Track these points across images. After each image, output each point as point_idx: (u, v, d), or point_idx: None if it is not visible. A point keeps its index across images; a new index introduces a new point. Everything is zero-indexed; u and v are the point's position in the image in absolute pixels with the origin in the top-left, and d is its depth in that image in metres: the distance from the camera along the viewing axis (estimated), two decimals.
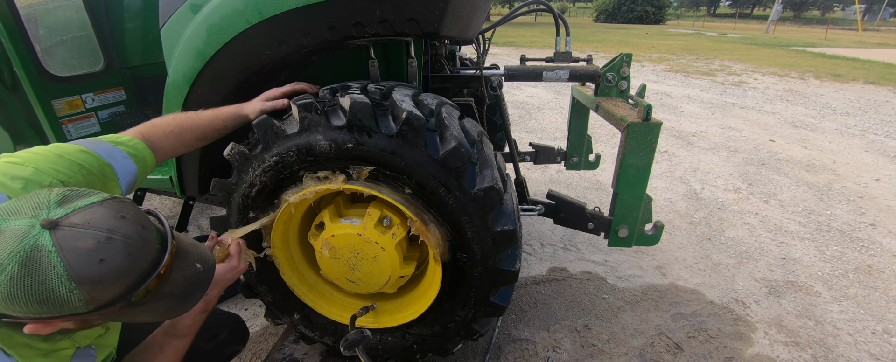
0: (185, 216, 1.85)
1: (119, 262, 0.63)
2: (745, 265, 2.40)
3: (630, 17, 31.16)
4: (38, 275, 0.58)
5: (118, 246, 0.63)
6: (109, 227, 0.64)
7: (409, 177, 1.09)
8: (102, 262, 0.61)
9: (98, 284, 0.61)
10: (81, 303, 0.61)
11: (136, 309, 0.68)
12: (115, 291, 0.63)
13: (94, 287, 0.61)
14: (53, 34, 1.66)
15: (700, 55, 11.46)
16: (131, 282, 0.65)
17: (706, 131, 4.88)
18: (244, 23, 1.10)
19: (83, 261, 0.60)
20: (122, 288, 0.64)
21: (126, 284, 0.64)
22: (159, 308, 0.72)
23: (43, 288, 0.59)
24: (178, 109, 1.34)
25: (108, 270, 0.62)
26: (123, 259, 0.63)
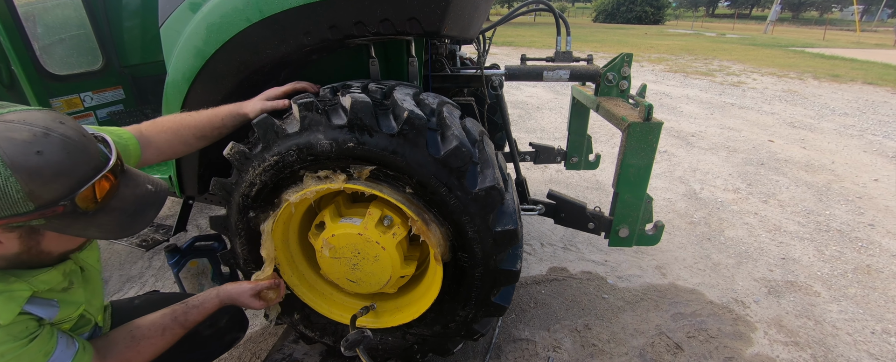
0: (184, 215, 1.85)
1: (57, 158, 0.62)
2: (744, 265, 2.41)
3: (629, 17, 31.22)
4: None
5: (56, 141, 0.63)
6: (47, 126, 0.64)
7: (411, 176, 1.09)
8: (39, 154, 0.61)
9: (36, 176, 0.61)
10: (21, 197, 0.60)
11: (84, 219, 0.68)
12: (56, 189, 0.63)
13: (32, 179, 0.60)
14: (52, 32, 1.65)
15: (699, 55, 11.48)
16: (73, 182, 0.64)
17: (705, 131, 4.88)
18: (244, 21, 1.09)
19: (18, 150, 0.60)
20: (63, 186, 0.63)
21: (67, 183, 0.63)
22: (109, 223, 0.72)
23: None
24: (177, 108, 1.33)
25: (45, 163, 0.61)
26: (62, 155, 0.63)
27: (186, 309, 1.06)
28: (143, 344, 0.96)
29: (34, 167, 0.61)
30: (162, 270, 2.35)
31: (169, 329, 1.01)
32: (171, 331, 1.01)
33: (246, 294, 1.17)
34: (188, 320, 1.05)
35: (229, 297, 1.14)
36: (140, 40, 1.84)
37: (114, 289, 2.23)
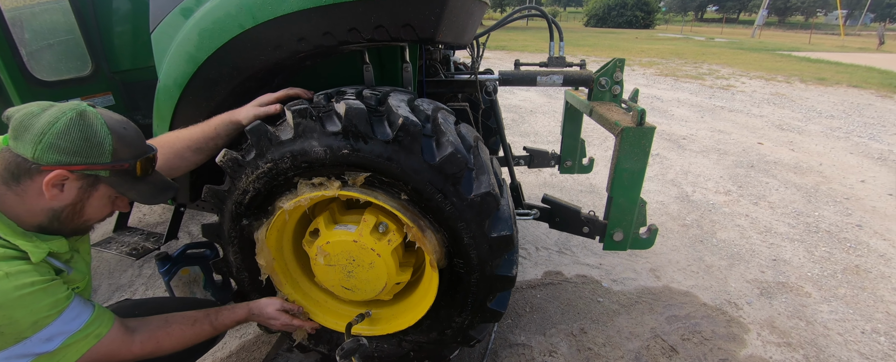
0: (175, 223, 1.82)
1: (133, 134, 0.94)
2: (736, 266, 2.43)
3: (620, 21, 31.63)
4: (89, 121, 0.86)
5: (133, 127, 0.96)
6: (128, 120, 0.97)
7: (406, 183, 1.09)
8: (125, 129, 0.93)
9: (122, 139, 0.90)
10: (109, 150, 0.88)
11: (131, 181, 0.94)
12: (128, 152, 0.92)
13: (119, 140, 0.90)
14: (40, 38, 1.63)
15: (688, 59, 11.65)
16: (137, 152, 0.93)
17: (696, 134, 4.95)
18: (238, 27, 1.08)
19: (115, 123, 0.91)
20: (132, 152, 0.92)
21: (134, 152, 0.93)
22: (145, 190, 0.97)
23: (90, 130, 0.86)
24: (168, 114, 1.32)
25: (127, 134, 0.92)
26: (135, 134, 0.95)
27: (219, 311, 1.19)
28: (174, 327, 1.08)
29: (122, 134, 0.91)
30: (152, 278, 2.31)
31: (199, 322, 1.13)
32: (201, 325, 1.13)
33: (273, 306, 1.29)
34: (218, 320, 1.17)
35: (259, 308, 1.27)
36: (130, 45, 1.82)
37: (103, 298, 2.18)
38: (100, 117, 0.89)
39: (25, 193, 0.87)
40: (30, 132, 0.83)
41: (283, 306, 1.31)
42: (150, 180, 0.99)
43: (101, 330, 0.95)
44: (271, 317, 1.28)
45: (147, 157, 0.95)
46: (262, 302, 1.29)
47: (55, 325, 0.87)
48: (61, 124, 0.84)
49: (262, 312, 1.27)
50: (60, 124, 0.84)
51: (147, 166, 0.96)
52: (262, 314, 1.27)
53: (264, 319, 1.28)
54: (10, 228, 0.87)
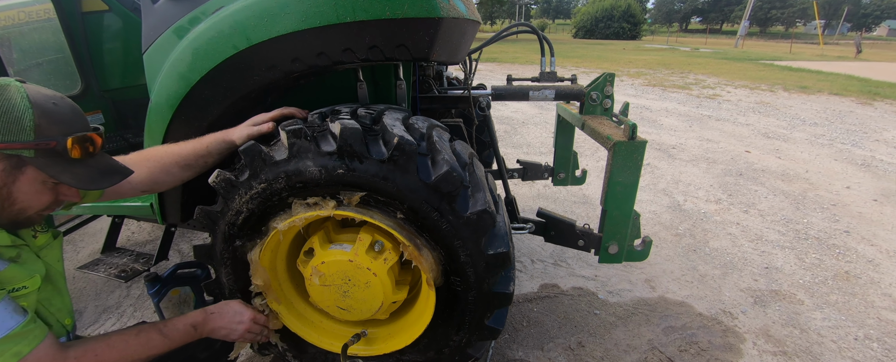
0: (166, 243, 1.78)
1: (67, 111, 0.86)
2: (730, 275, 2.45)
3: (607, 33, 32.34)
4: (7, 95, 0.79)
5: (67, 103, 0.88)
6: (64, 96, 0.90)
7: (401, 202, 1.08)
8: (55, 105, 0.84)
9: (46, 115, 0.82)
10: (29, 126, 0.79)
11: (65, 163, 0.84)
12: (56, 129, 0.82)
13: (43, 115, 0.81)
14: (28, 57, 1.61)
15: (675, 69, 11.91)
16: (67, 130, 0.84)
17: (685, 143, 5.03)
18: (231, 48, 1.08)
19: (41, 97, 0.83)
20: (61, 130, 0.83)
21: (64, 129, 0.83)
22: (83, 173, 0.87)
23: (7, 104, 0.78)
24: (160, 133, 1.30)
25: (57, 110, 0.84)
26: (69, 111, 0.87)
27: (167, 320, 1.07)
28: (115, 338, 0.96)
29: (48, 110, 0.82)
30: (141, 299, 2.25)
31: (145, 331, 1.01)
32: (147, 334, 1.00)
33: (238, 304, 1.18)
34: (167, 327, 1.04)
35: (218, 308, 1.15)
36: (121, 64, 1.80)
37: (89, 321, 2.12)
38: (22, 91, 0.80)
39: None
40: None
41: (248, 305, 1.21)
42: (91, 163, 0.88)
43: (22, 347, 0.82)
44: (236, 313, 1.15)
45: (82, 136, 0.85)
46: (219, 304, 1.16)
47: None
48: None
49: (222, 310, 1.13)
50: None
51: (82, 148, 0.85)
52: (222, 313, 1.13)
53: (227, 318, 1.13)
54: None
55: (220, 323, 1.13)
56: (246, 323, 1.17)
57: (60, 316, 1.02)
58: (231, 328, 1.15)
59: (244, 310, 1.19)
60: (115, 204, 1.53)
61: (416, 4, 0.99)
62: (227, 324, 1.14)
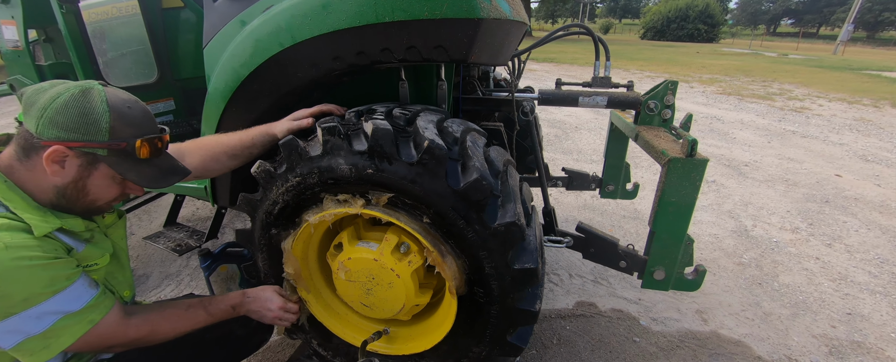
0: (217, 223, 1.92)
1: (139, 115, 0.93)
2: (801, 317, 2.15)
3: (680, 34, 29.95)
4: (90, 98, 0.87)
5: (141, 107, 0.95)
6: (138, 100, 0.97)
7: (428, 206, 1.06)
8: (129, 108, 0.92)
9: (122, 118, 0.89)
10: (106, 128, 0.87)
11: (132, 162, 0.93)
12: (127, 132, 0.90)
13: (119, 118, 0.89)
14: (116, 47, 1.80)
15: (756, 77, 10.74)
16: (138, 132, 0.92)
17: (761, 161, 4.50)
18: (278, 46, 1.12)
19: (118, 101, 0.90)
20: (132, 132, 0.91)
21: (135, 131, 0.91)
22: (147, 173, 0.96)
23: (89, 106, 0.86)
24: (214, 122, 1.39)
25: (130, 113, 0.91)
26: (141, 115, 0.94)
27: (214, 298, 1.17)
28: (169, 311, 1.06)
29: (124, 113, 0.90)
30: (197, 270, 2.46)
31: (193, 307, 1.10)
32: (195, 310, 1.10)
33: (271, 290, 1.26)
34: (212, 305, 1.13)
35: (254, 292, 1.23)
36: (192, 56, 1.97)
37: (153, 285, 2.35)
38: (103, 95, 0.87)
39: (34, 168, 0.88)
40: (35, 107, 0.85)
41: (281, 292, 1.28)
42: (156, 162, 0.97)
43: (96, 315, 0.91)
44: (268, 300, 1.22)
45: (150, 139, 0.93)
46: (257, 289, 1.25)
47: (48, 304, 0.85)
48: (62, 100, 0.84)
49: (257, 296, 1.22)
50: (61, 100, 0.84)
51: (151, 147, 0.93)
52: (257, 298, 1.21)
53: (260, 303, 1.21)
54: (24, 201, 0.88)
55: (253, 306, 1.21)
56: (275, 312, 1.23)
57: (121, 289, 1.13)
58: (262, 313, 1.22)
59: (275, 299, 1.25)
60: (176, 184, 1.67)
61: (455, 5, 0.95)
62: (260, 309, 1.22)
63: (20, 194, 0.88)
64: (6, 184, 0.88)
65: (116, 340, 0.96)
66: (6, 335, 0.82)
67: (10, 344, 0.83)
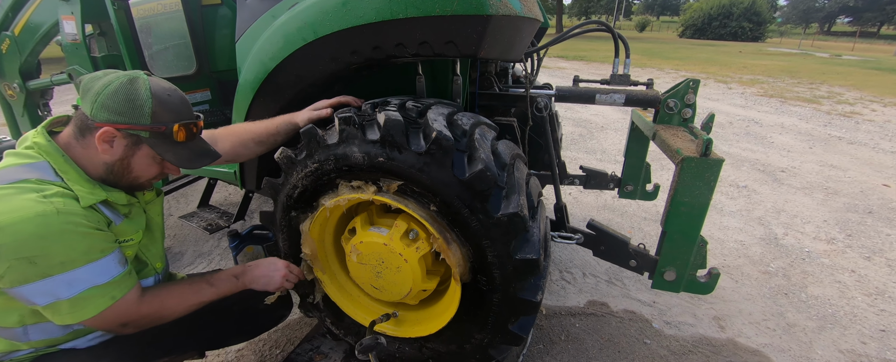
0: (244, 205, 2.05)
1: (177, 102, 1.04)
2: (828, 331, 2.05)
3: (722, 33, 28.36)
4: (136, 86, 0.98)
5: (179, 95, 1.06)
6: (177, 89, 1.08)
7: (435, 194, 1.11)
8: (169, 96, 1.02)
9: (163, 104, 1.00)
10: (148, 112, 0.98)
11: (170, 145, 1.03)
12: (166, 117, 1.01)
13: (161, 104, 1.00)
14: (159, 41, 1.95)
15: (803, 79, 10.10)
16: (176, 117, 1.02)
17: (800, 167, 4.27)
18: (301, 40, 1.20)
19: (160, 90, 1.01)
20: (170, 117, 1.01)
21: (173, 117, 1.02)
22: (183, 154, 1.06)
23: (135, 93, 0.97)
24: (244, 111, 1.49)
25: (170, 100, 1.02)
26: (179, 102, 1.04)
27: (215, 272, 1.23)
28: (174, 288, 1.13)
29: (164, 100, 1.01)
30: (227, 250, 2.62)
31: (197, 282, 1.17)
32: (199, 285, 1.16)
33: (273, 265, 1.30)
34: (214, 278, 1.20)
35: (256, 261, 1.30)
36: (227, 50, 2.10)
37: (187, 262, 2.53)
38: (147, 83, 0.99)
39: (88, 146, 0.99)
40: (90, 92, 0.96)
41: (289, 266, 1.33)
42: (190, 146, 1.07)
43: (117, 292, 0.99)
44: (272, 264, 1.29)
45: (186, 124, 1.03)
46: (260, 259, 1.32)
47: (81, 272, 0.92)
48: (112, 87, 0.95)
49: (260, 262, 1.28)
50: (112, 87, 0.95)
51: (187, 132, 1.03)
52: (260, 264, 1.28)
53: (264, 269, 1.27)
54: (78, 174, 0.99)
55: (257, 272, 1.26)
56: (282, 271, 1.29)
57: (154, 260, 1.23)
58: (269, 276, 1.27)
59: (278, 261, 1.31)
60: (208, 169, 1.80)
61: (464, 2, 0.99)
62: (265, 273, 1.27)
63: (75, 168, 1.00)
64: (64, 158, 0.99)
65: (130, 318, 1.03)
66: (41, 295, 0.91)
67: (44, 303, 0.92)
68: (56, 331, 1.04)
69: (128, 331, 1.06)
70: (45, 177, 0.95)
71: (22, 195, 0.88)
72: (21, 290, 0.90)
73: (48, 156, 0.98)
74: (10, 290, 0.90)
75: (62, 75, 2.11)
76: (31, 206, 0.87)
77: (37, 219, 0.86)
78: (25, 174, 0.93)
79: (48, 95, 2.54)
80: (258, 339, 1.92)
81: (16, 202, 0.87)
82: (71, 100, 2.79)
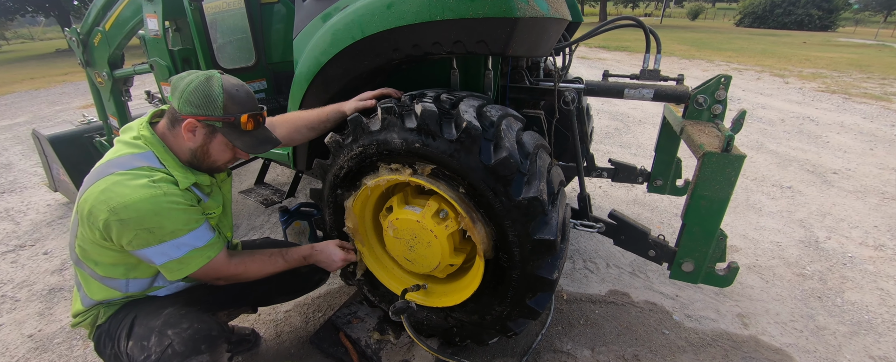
0: (295, 184, 2.29)
1: (244, 96, 1.20)
2: (861, 337, 2.00)
3: (786, 21, 25.90)
4: (211, 83, 1.16)
5: (246, 90, 1.22)
6: (244, 84, 1.24)
7: (463, 178, 1.24)
8: (237, 91, 1.19)
9: (232, 98, 1.17)
10: (220, 105, 1.15)
11: (238, 133, 1.21)
12: (235, 108, 1.18)
13: (230, 98, 1.17)
14: (225, 36, 2.20)
15: (874, 73, 9.20)
16: (242, 109, 1.19)
17: (855, 169, 4.00)
18: (350, 38, 1.36)
19: (230, 86, 1.18)
20: (238, 109, 1.18)
21: (240, 108, 1.19)
22: (248, 141, 1.23)
23: (210, 89, 1.15)
24: (298, 100, 1.69)
25: (238, 95, 1.19)
26: (246, 96, 1.21)
27: (289, 248, 1.48)
28: (256, 256, 1.39)
29: (233, 94, 1.18)
30: (277, 225, 2.91)
31: (274, 255, 1.43)
32: (275, 257, 1.42)
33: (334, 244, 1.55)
34: (288, 254, 1.44)
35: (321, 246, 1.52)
36: (282, 43, 2.32)
37: (241, 234, 2.84)
38: (219, 81, 1.16)
39: (177, 136, 1.20)
40: (177, 90, 1.16)
41: (341, 244, 1.57)
42: (255, 134, 1.24)
43: (212, 252, 1.24)
44: (332, 253, 1.51)
45: (251, 114, 1.19)
46: (323, 243, 1.53)
47: (186, 238, 1.17)
48: (193, 85, 1.14)
49: (324, 249, 1.51)
50: (192, 85, 1.14)
51: (252, 121, 1.20)
52: (323, 250, 1.50)
53: (325, 255, 1.49)
54: (174, 161, 1.21)
55: (321, 256, 1.51)
56: (340, 256, 1.53)
57: (225, 230, 1.49)
58: (330, 260, 1.52)
59: (339, 251, 1.54)
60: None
61: (494, 6, 1.10)
62: (326, 258, 1.52)
63: (172, 156, 1.22)
64: (164, 148, 1.22)
65: (221, 273, 1.29)
66: (159, 255, 1.16)
67: (160, 262, 1.17)
68: (146, 285, 1.31)
69: (220, 283, 1.33)
70: (152, 165, 1.18)
71: (137, 180, 1.11)
72: (144, 252, 1.15)
73: (152, 146, 1.21)
74: (136, 252, 1.15)
75: (144, 65, 2.41)
76: (146, 190, 1.10)
77: (152, 199, 1.10)
78: (137, 162, 1.16)
79: (129, 83, 2.90)
80: (303, 303, 2.16)
81: (133, 185, 1.10)
82: (145, 87, 3.16)
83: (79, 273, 1.30)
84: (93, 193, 1.10)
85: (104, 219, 1.09)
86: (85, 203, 1.11)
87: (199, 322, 1.21)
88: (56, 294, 2.34)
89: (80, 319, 1.33)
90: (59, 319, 2.14)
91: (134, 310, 1.27)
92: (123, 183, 1.10)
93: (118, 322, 1.27)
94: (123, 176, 1.12)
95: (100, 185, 1.10)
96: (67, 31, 2.78)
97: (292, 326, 2.03)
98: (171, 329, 1.16)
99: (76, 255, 1.25)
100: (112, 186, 1.09)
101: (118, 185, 1.09)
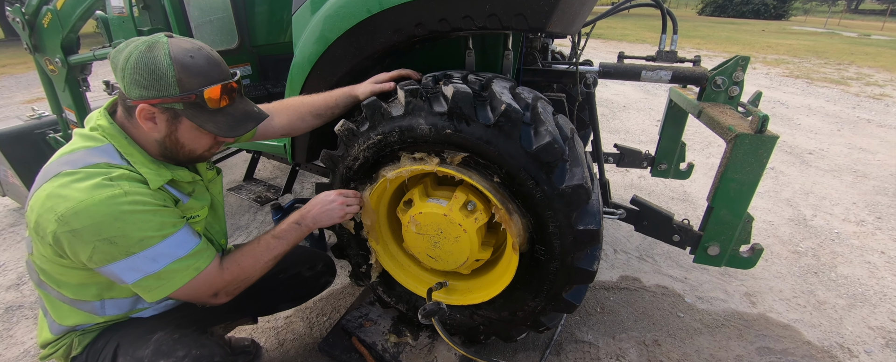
0: (291, 179, 2.11)
1: (202, 63, 0.92)
2: (858, 309, 2.08)
3: (744, 10, 27.25)
4: (155, 54, 0.88)
5: (204, 54, 0.94)
6: (201, 46, 0.96)
7: (500, 166, 1.14)
8: (192, 58, 0.91)
9: (185, 69, 0.90)
10: (173, 82, 0.89)
11: (207, 114, 0.95)
12: (194, 82, 0.91)
13: (183, 70, 0.89)
14: (203, 14, 1.97)
15: (830, 59, 9.76)
16: (205, 81, 0.92)
17: (827, 150, 4.21)
18: (365, 12, 1.21)
19: (180, 52, 0.90)
20: (199, 82, 0.92)
21: (202, 81, 0.92)
22: (223, 122, 0.97)
23: (155, 62, 0.88)
24: (299, 85, 1.52)
25: (194, 63, 0.91)
26: (205, 62, 0.93)
27: (273, 227, 1.20)
28: (246, 249, 1.12)
29: (186, 64, 0.90)
30: (264, 223, 2.71)
31: (263, 238, 1.15)
32: (266, 240, 1.14)
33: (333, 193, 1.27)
34: (276, 230, 1.17)
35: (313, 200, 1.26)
36: (267, 25, 2.11)
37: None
38: (166, 48, 0.88)
39: (138, 126, 0.95)
40: (118, 69, 0.90)
41: (338, 191, 1.28)
42: (229, 111, 0.96)
43: (201, 263, 0.98)
44: (326, 198, 1.24)
45: (219, 86, 0.92)
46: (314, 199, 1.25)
47: (161, 247, 0.92)
48: (133, 59, 0.87)
49: (314, 202, 1.23)
50: (132, 59, 0.87)
51: (223, 95, 0.93)
52: (315, 202, 1.23)
53: (320, 205, 1.22)
54: (141, 156, 0.97)
55: (315, 211, 1.21)
56: (338, 200, 1.24)
57: (218, 237, 1.26)
58: (327, 210, 1.23)
59: (328, 193, 1.26)
60: (258, 142, 1.84)
61: None
62: (322, 209, 1.22)
63: (138, 149, 0.98)
64: (126, 140, 0.97)
65: (217, 286, 1.03)
66: (128, 271, 0.92)
67: (132, 280, 0.93)
68: (127, 306, 1.09)
69: (220, 301, 1.05)
70: (111, 161, 0.94)
71: (90, 180, 0.88)
72: (110, 268, 0.91)
73: (112, 138, 0.96)
74: (101, 269, 0.92)
75: (106, 49, 2.14)
76: (99, 191, 0.87)
77: (107, 201, 0.86)
78: (93, 158, 0.93)
79: (87, 70, 2.58)
80: (306, 308, 2.02)
81: (85, 187, 0.87)
82: (105, 76, 2.84)
83: (43, 295, 1.07)
84: (37, 200, 0.88)
85: (53, 232, 0.86)
86: (31, 212, 0.89)
87: (198, 347, 1.01)
88: (14, 312, 2.08)
89: (50, 350, 1.09)
90: (21, 341, 1.89)
91: (115, 337, 1.05)
92: (70, 184, 0.87)
93: (97, 352, 1.05)
94: (71, 176, 0.88)
95: (45, 190, 0.88)
96: (9, 11, 2.42)
97: (296, 333, 1.88)
98: (164, 358, 0.96)
99: (37, 276, 1.02)
100: (58, 189, 0.86)
101: (65, 188, 0.86)
